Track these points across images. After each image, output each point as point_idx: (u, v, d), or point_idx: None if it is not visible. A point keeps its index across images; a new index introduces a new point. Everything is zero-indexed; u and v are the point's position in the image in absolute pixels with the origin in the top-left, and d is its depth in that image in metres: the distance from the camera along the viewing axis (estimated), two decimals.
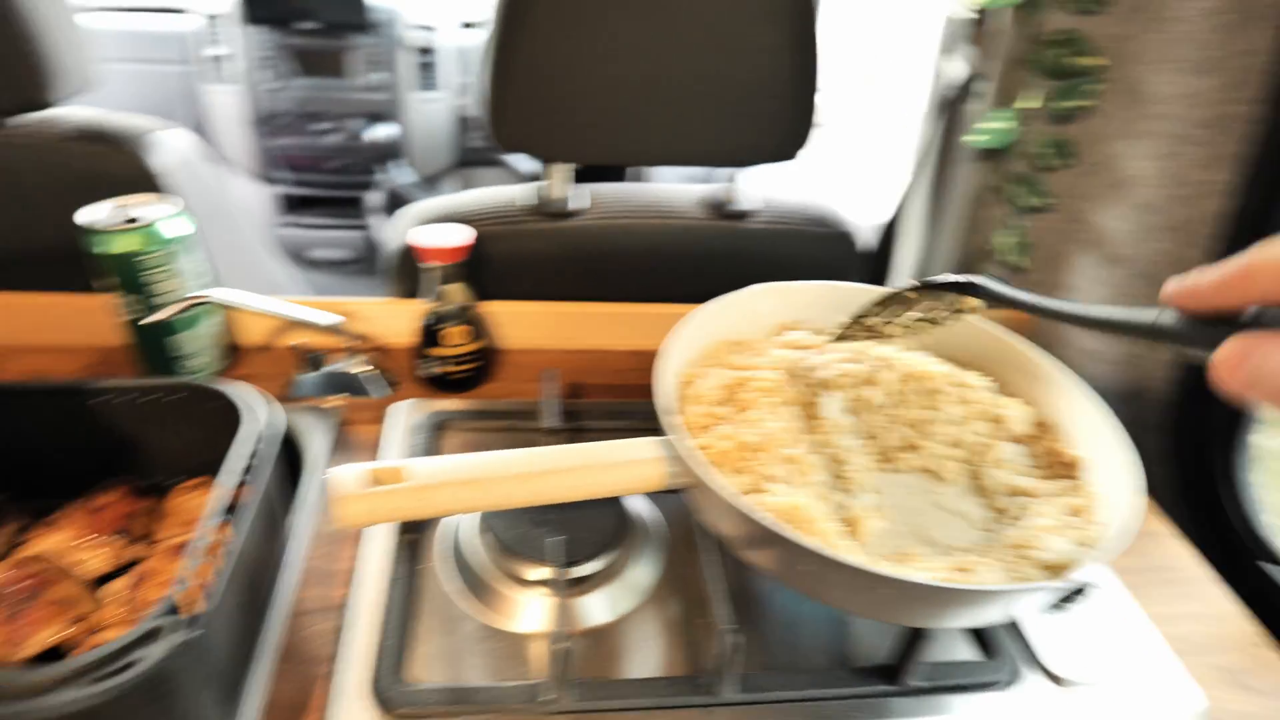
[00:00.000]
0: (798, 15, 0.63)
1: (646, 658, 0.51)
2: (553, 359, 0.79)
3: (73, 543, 0.52)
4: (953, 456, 0.56)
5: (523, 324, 0.78)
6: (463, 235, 0.67)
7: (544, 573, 0.53)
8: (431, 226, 0.68)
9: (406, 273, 0.76)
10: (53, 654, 0.47)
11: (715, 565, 0.50)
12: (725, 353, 0.62)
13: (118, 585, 0.49)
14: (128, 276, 0.63)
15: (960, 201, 0.78)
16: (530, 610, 0.53)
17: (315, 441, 0.66)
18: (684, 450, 0.48)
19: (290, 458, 0.66)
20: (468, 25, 1.74)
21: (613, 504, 0.57)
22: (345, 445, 0.67)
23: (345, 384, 0.72)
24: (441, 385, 0.73)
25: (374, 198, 1.74)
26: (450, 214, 0.73)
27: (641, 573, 0.56)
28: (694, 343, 0.60)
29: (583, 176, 0.77)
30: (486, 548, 0.55)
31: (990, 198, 0.76)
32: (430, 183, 1.79)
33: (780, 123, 0.69)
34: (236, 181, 1.71)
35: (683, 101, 0.68)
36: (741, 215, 0.78)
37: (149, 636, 0.36)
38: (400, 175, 1.73)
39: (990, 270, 0.79)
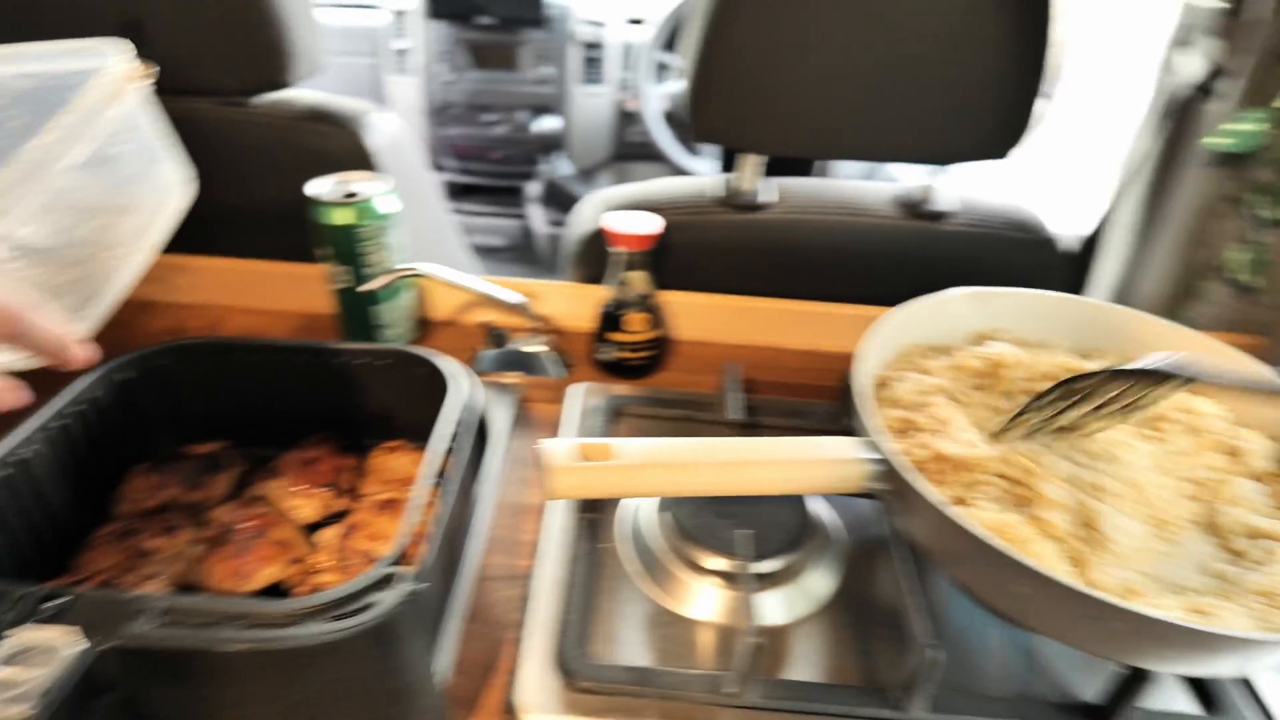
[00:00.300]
0: (1031, 3, 0.59)
1: (817, 665, 0.50)
2: (725, 353, 0.78)
3: (289, 490, 0.56)
4: (1182, 492, 0.51)
5: (698, 315, 0.78)
6: (653, 224, 0.68)
7: (723, 563, 0.52)
8: (623, 213, 0.69)
9: (589, 258, 0.77)
10: (273, 590, 0.51)
11: (911, 576, 0.48)
12: (919, 357, 0.60)
13: (330, 533, 0.53)
14: (343, 247, 0.67)
15: (1185, 212, 0.71)
16: (707, 599, 0.52)
17: (498, 415, 0.68)
18: (890, 454, 0.46)
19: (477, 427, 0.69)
20: (634, 21, 1.76)
21: (795, 503, 0.56)
22: (524, 421, 0.69)
23: (524, 362, 0.74)
24: (617, 370, 0.74)
25: (533, 188, 1.80)
26: (639, 202, 0.74)
27: (819, 577, 0.55)
28: (889, 345, 0.58)
29: (770, 170, 0.76)
30: (667, 533, 0.55)
31: (1224, 208, 0.69)
32: (586, 175, 1.83)
33: (995, 118, 0.66)
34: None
35: (891, 94, 0.66)
36: (937, 216, 0.75)
37: (382, 583, 0.38)
38: (559, 167, 1.78)
39: (1216, 288, 0.71)
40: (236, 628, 0.35)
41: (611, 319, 0.71)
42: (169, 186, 0.45)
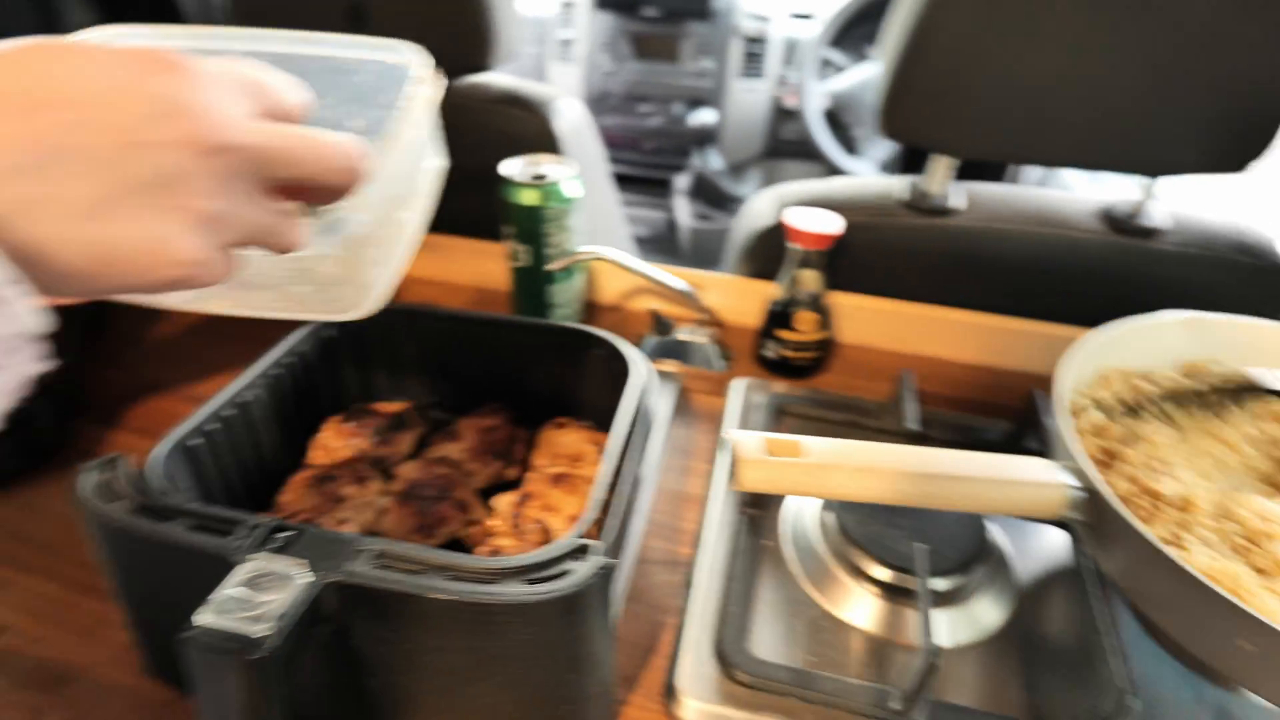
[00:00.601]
0: None
1: (978, 692, 0.48)
2: (891, 360, 0.76)
3: (465, 453, 0.59)
4: None
5: (867, 319, 0.76)
6: (835, 223, 0.66)
7: (890, 575, 0.51)
8: (804, 210, 0.68)
9: (760, 253, 0.77)
10: (452, 546, 0.53)
11: (1105, 615, 0.45)
12: (1119, 382, 0.55)
13: (505, 500, 0.55)
14: (527, 227, 0.70)
15: None
16: (870, 609, 0.51)
17: (659, 402, 0.69)
18: (1097, 484, 0.43)
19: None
20: (800, 16, 1.74)
21: (973, 521, 0.54)
22: (685, 411, 0.69)
23: (686, 352, 0.74)
24: (780, 369, 0.73)
25: (681, 180, 1.81)
26: (819, 199, 0.73)
27: (989, 602, 0.52)
28: (1088, 367, 0.55)
29: (960, 173, 0.73)
30: (832, 536, 0.54)
31: None
32: (737, 171, 1.82)
33: (1237, 127, 0.60)
34: None
35: (1119, 98, 0.61)
36: (1148, 233, 0.69)
37: (576, 553, 0.39)
38: (710, 161, 1.77)
39: None
40: (442, 578, 0.37)
41: (780, 317, 0.71)
42: (436, 170, 0.48)
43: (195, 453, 0.49)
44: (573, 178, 0.70)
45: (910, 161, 1.01)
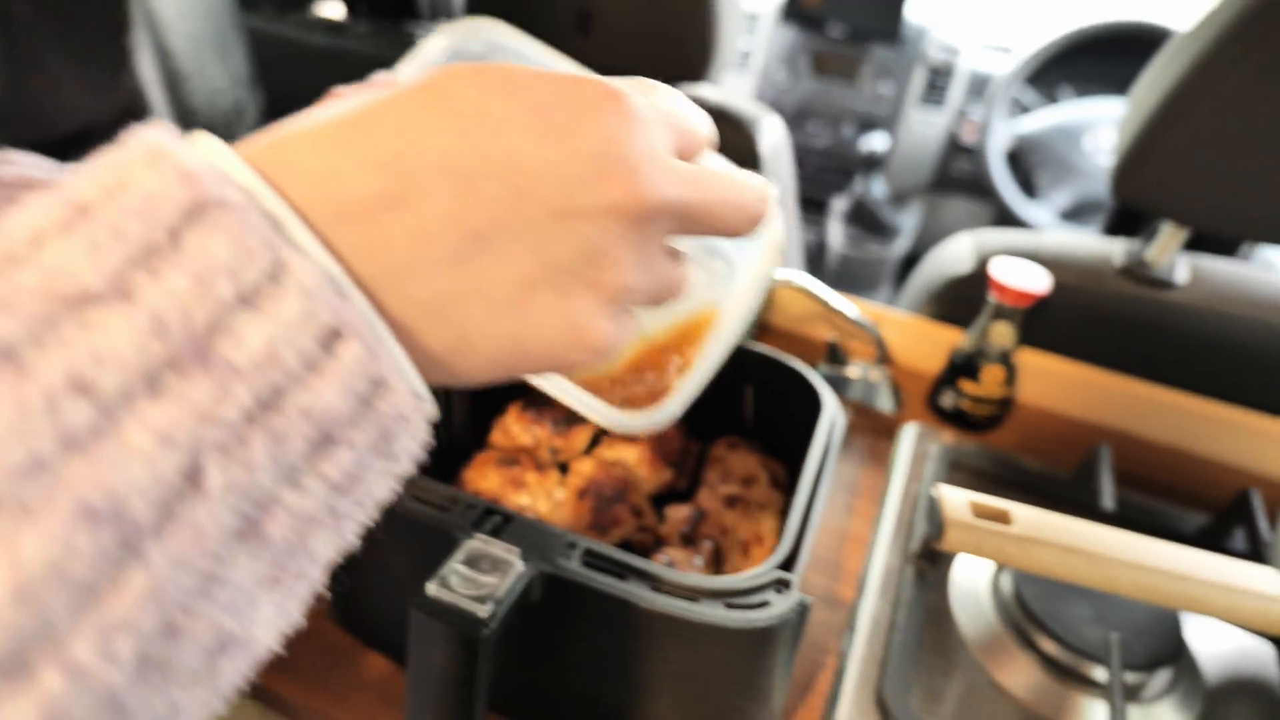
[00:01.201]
0: None
1: None
2: (1078, 430, 0.72)
3: (642, 459, 0.60)
4: None
5: (1058, 382, 0.72)
6: (1042, 282, 0.63)
7: (1063, 654, 0.48)
8: (1010, 262, 0.65)
9: (952, 298, 0.75)
10: (623, 548, 0.55)
11: None
12: None
13: (680, 513, 0.56)
14: None
15: None
16: (1036, 685, 0.49)
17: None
18: None
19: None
20: (998, 49, 1.67)
21: (1169, 617, 0.50)
22: (850, 447, 0.68)
23: (858, 388, 0.73)
24: (955, 419, 0.70)
25: (839, 203, 1.77)
26: (1025, 251, 0.70)
27: (1172, 708, 0.49)
28: None
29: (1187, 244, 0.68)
30: (1009, 604, 0.52)
31: None
32: (899, 200, 1.77)
33: None
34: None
35: None
36: None
37: (779, 585, 0.39)
38: (873, 187, 1.73)
39: None
40: (645, 586, 0.38)
41: (965, 367, 0.68)
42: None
43: None
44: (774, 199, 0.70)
45: (1123, 222, 0.95)
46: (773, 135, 0.79)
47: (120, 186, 0.17)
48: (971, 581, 0.55)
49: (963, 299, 0.71)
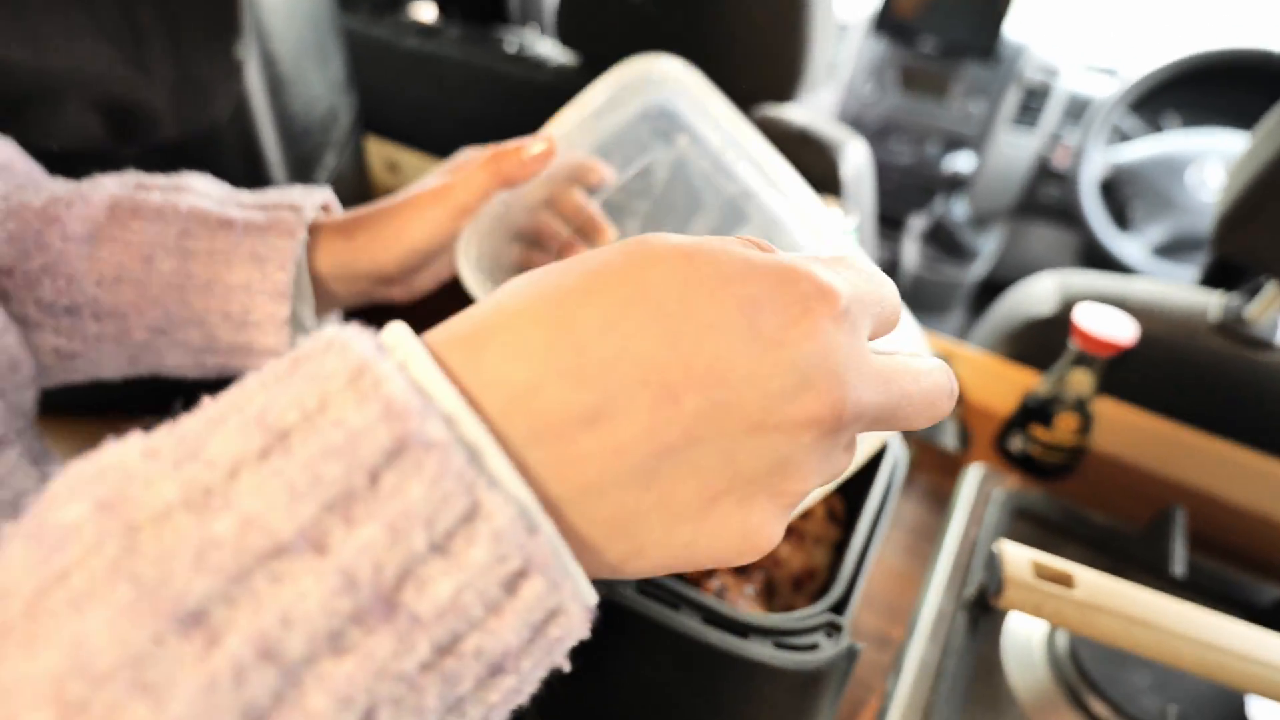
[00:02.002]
0: None
1: None
2: (1149, 484, 0.69)
3: None
4: None
5: (1133, 434, 0.70)
6: (1129, 333, 0.61)
7: None
8: (1096, 308, 0.63)
9: (1030, 339, 0.73)
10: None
11: None
12: None
13: None
14: None
15: None
16: None
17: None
18: None
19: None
20: (1103, 71, 1.60)
21: (1234, 697, 0.48)
22: (910, 484, 0.67)
23: None
24: (1022, 465, 0.69)
25: (917, 223, 1.74)
26: (1113, 297, 0.68)
27: None
28: None
29: None
30: (1063, 663, 0.50)
31: None
32: (980, 223, 1.72)
33: None
34: None
35: None
36: None
37: (830, 628, 0.39)
38: (954, 209, 1.69)
39: None
40: (697, 618, 0.39)
41: (1039, 413, 0.67)
42: None
43: None
44: (853, 231, 0.69)
45: (1221, 272, 0.91)
46: (856, 160, 0.78)
47: (320, 410, 0.17)
48: (1025, 634, 0.54)
49: (1042, 341, 0.69)
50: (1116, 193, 1.51)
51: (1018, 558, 0.42)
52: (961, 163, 1.63)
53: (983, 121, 1.62)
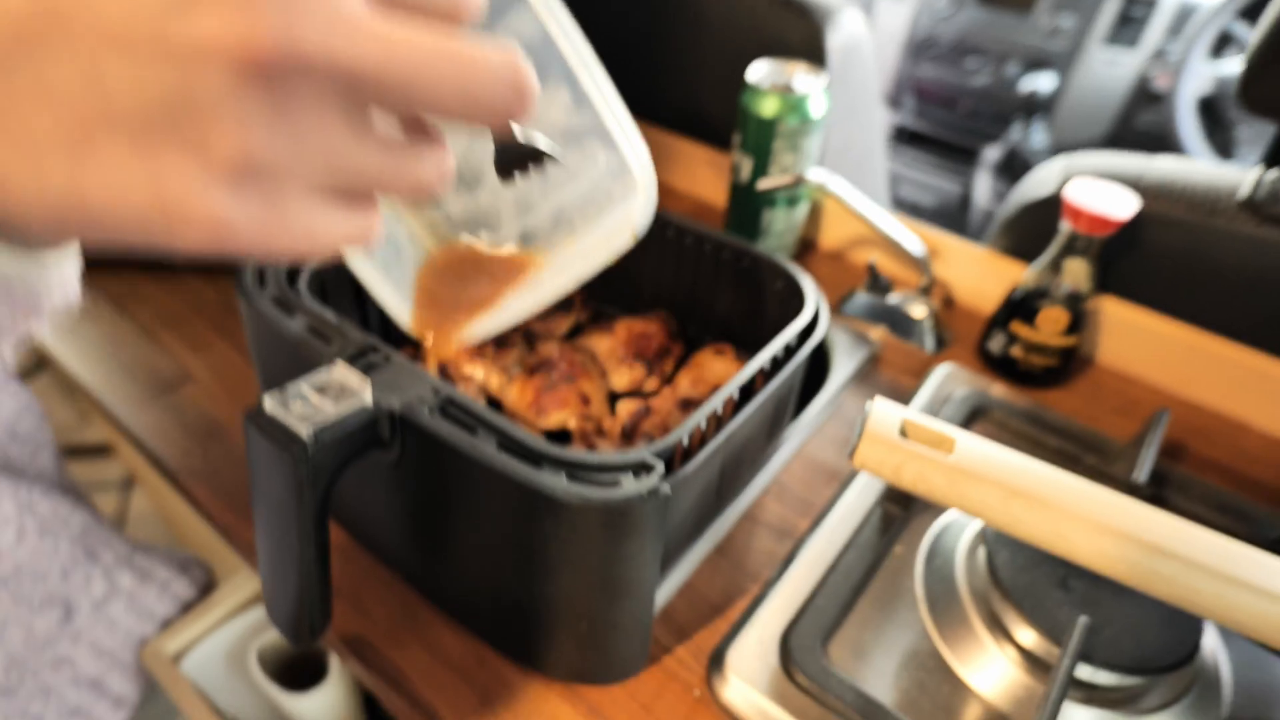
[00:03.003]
0: None
1: None
2: (1155, 399, 0.59)
3: (614, 352, 0.56)
4: None
5: (1137, 338, 0.60)
6: (1126, 206, 0.52)
7: (1034, 640, 0.40)
8: (1092, 184, 0.54)
9: (1024, 227, 0.63)
10: (560, 435, 0.51)
11: None
12: None
13: (627, 407, 0.51)
14: (758, 139, 0.63)
15: None
16: (993, 672, 0.41)
17: (843, 363, 0.61)
18: None
19: (813, 367, 0.62)
20: None
21: (1186, 621, 0.40)
22: (869, 381, 0.60)
23: (897, 320, 0.64)
24: (1001, 367, 0.60)
25: (991, 153, 1.58)
26: (1127, 176, 0.57)
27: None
28: None
29: None
30: (978, 573, 0.43)
31: None
32: (1062, 153, 1.55)
33: None
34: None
35: None
36: None
37: (637, 468, 0.34)
38: (1033, 137, 1.53)
39: None
40: (492, 443, 0.35)
41: (1022, 307, 0.58)
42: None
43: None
44: (822, 92, 0.62)
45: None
46: (849, 32, 0.69)
47: None
48: (946, 540, 0.47)
49: (1038, 229, 0.59)
50: (1221, 114, 1.31)
51: (885, 413, 0.36)
52: (1041, 83, 1.46)
53: (1072, 37, 1.44)
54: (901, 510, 0.48)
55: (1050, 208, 0.60)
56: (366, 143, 0.20)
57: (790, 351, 0.46)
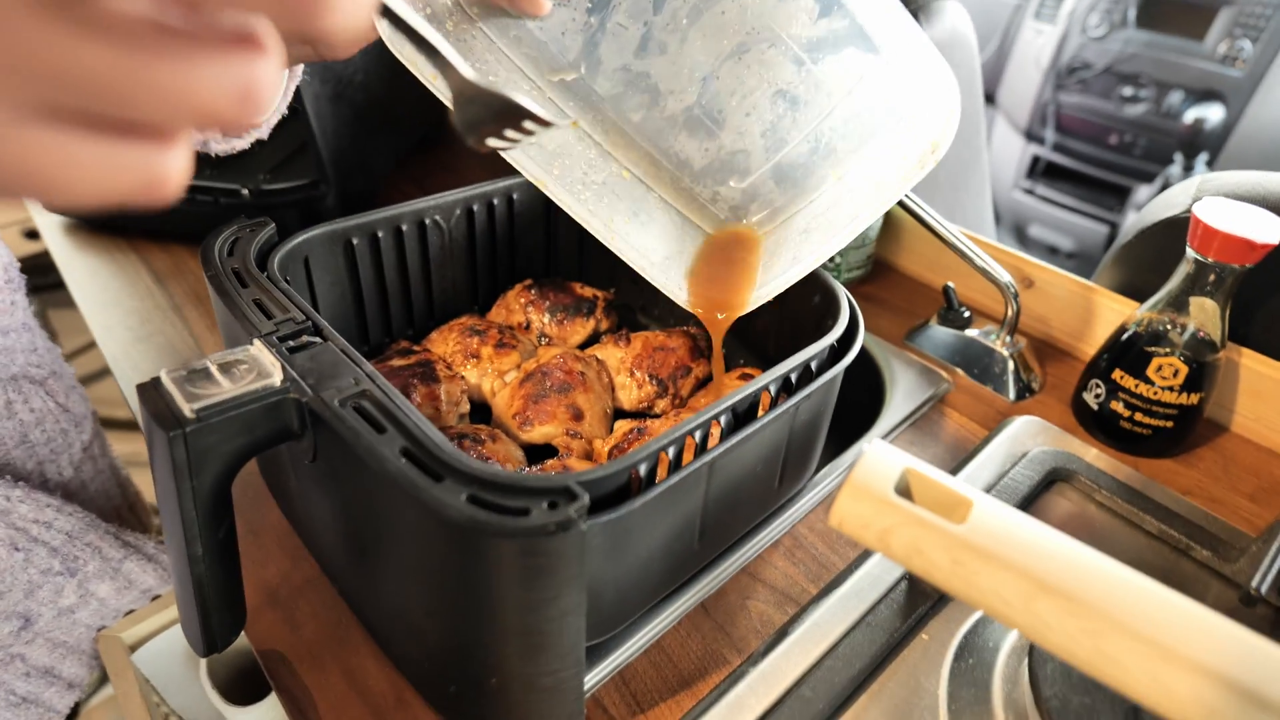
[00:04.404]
0: None
1: None
2: None
3: (624, 364, 0.50)
4: None
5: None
6: (1271, 230, 0.40)
7: None
8: (1230, 204, 0.43)
9: (1140, 257, 0.52)
10: (545, 450, 0.45)
11: None
12: None
13: (622, 429, 0.45)
14: None
15: None
16: None
17: (900, 402, 0.51)
18: None
19: (866, 403, 0.54)
20: None
21: None
22: (932, 427, 0.51)
23: (973, 358, 0.54)
24: (1098, 425, 0.49)
25: (1145, 192, 1.40)
26: (1273, 197, 0.46)
27: None
28: None
29: None
30: (1018, 684, 0.34)
31: None
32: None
33: None
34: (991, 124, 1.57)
35: None
36: None
37: (558, 495, 0.28)
38: (1197, 175, 1.33)
39: None
40: (393, 447, 0.29)
41: (1130, 353, 0.47)
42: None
43: (353, 251, 0.48)
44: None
45: None
46: (949, 26, 0.60)
47: None
48: (989, 636, 0.37)
49: (1159, 259, 0.48)
50: None
51: (881, 459, 0.27)
52: (1212, 116, 1.27)
53: (1252, 64, 1.25)
54: (933, 588, 0.39)
55: (1174, 232, 0.49)
56: (91, 39, 0.14)
57: (811, 374, 0.38)
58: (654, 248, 0.44)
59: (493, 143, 0.32)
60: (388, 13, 0.30)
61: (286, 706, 0.36)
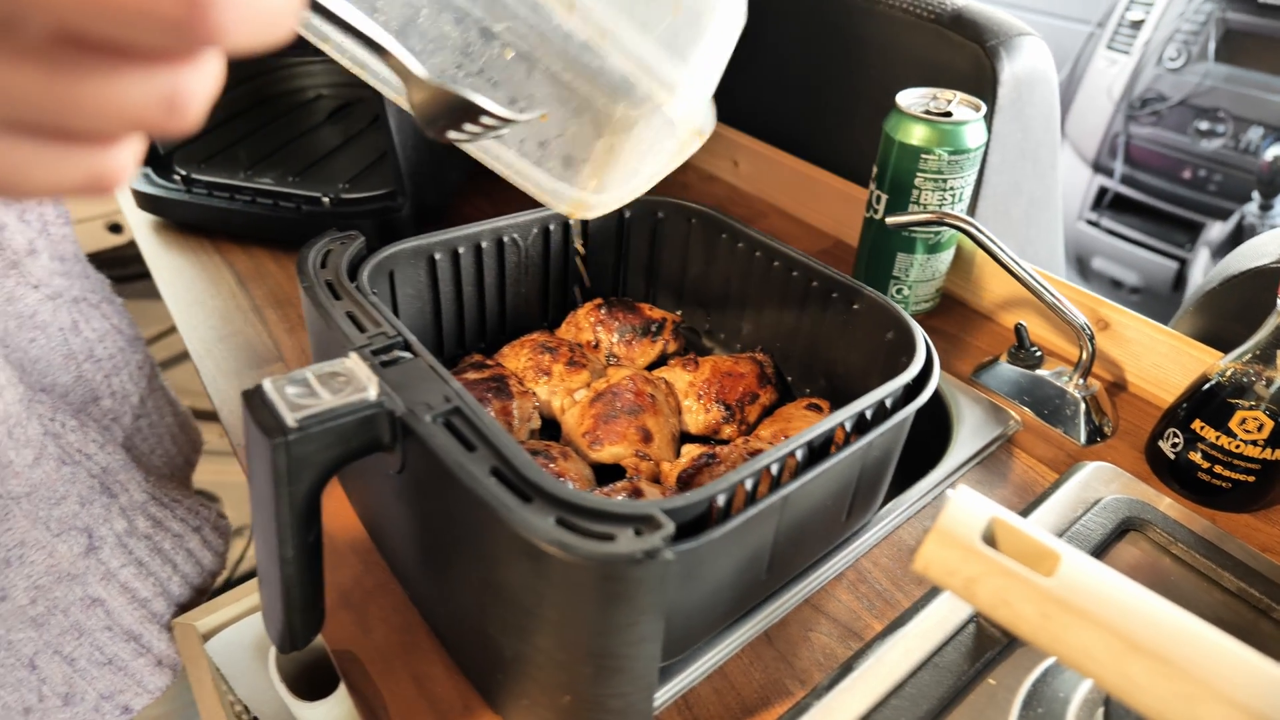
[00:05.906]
0: None
1: None
2: None
3: (692, 388, 0.50)
4: None
5: None
6: None
7: None
8: None
9: (1224, 304, 0.51)
10: (613, 470, 0.46)
11: None
12: None
13: (690, 454, 0.45)
14: (898, 170, 0.56)
15: None
16: None
17: (967, 440, 0.51)
18: None
19: (932, 440, 0.53)
20: None
21: None
22: (998, 467, 0.50)
23: (1044, 399, 0.54)
24: (1174, 476, 0.48)
25: (1217, 230, 1.36)
26: None
27: None
28: None
29: None
30: None
31: None
32: None
33: None
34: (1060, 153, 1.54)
35: None
36: None
37: (643, 523, 0.28)
38: (1274, 215, 1.29)
39: None
40: (484, 467, 0.30)
41: (1212, 404, 0.46)
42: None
43: (434, 265, 0.49)
44: (982, 123, 0.53)
45: None
46: (1028, 64, 0.59)
47: None
48: (1061, 686, 0.37)
49: (1246, 309, 0.47)
50: None
51: (968, 507, 0.27)
52: None
53: None
54: (1002, 633, 0.38)
55: (1263, 282, 0.47)
56: (19, 66, 0.16)
57: (885, 412, 0.38)
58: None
59: (453, 135, 0.33)
60: (322, 10, 0.29)
61: (359, 707, 0.38)
